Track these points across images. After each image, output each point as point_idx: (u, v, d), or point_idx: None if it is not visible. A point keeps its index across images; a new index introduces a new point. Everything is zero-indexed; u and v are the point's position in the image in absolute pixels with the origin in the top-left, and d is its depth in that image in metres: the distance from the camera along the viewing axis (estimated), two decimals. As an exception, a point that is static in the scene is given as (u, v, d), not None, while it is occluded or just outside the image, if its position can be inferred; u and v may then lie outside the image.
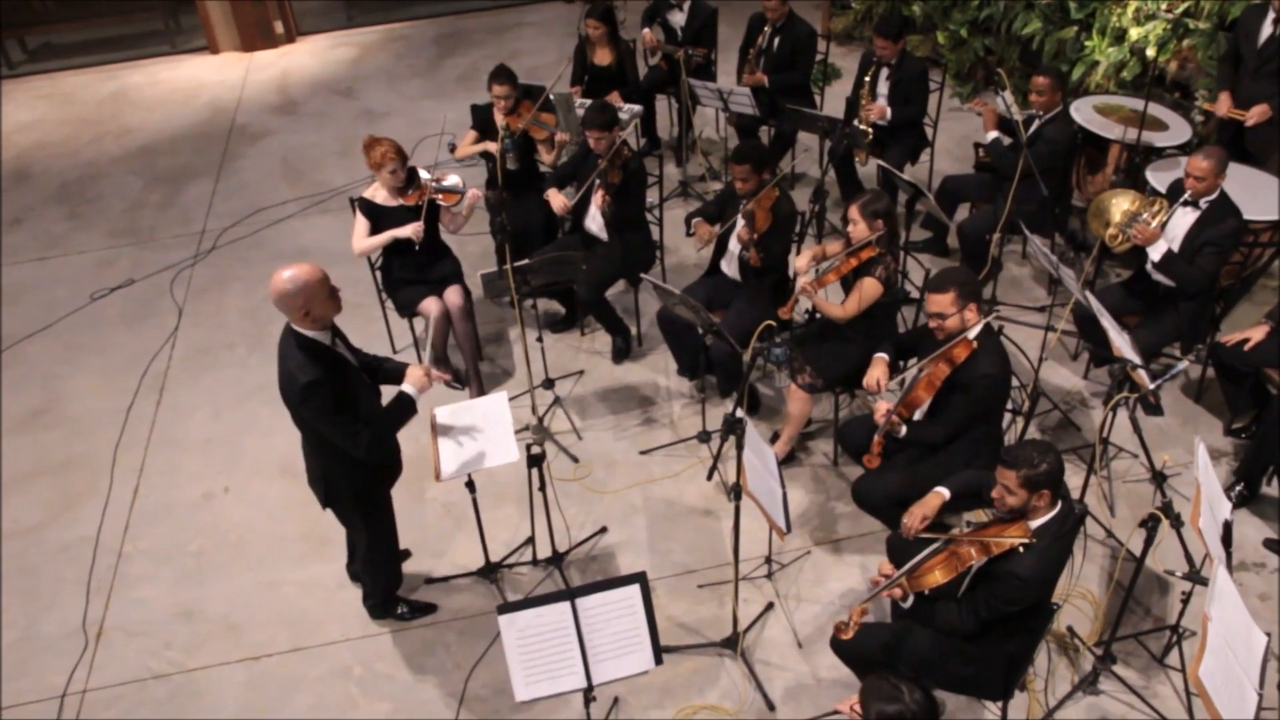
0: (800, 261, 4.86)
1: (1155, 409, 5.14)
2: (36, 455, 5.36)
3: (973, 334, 3.95)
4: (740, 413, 3.44)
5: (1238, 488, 4.69)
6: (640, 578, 3.30)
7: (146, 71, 9.74)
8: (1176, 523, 3.40)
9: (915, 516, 3.70)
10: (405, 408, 3.75)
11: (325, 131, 8.38)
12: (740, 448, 3.52)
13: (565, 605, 3.27)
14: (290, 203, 7.39)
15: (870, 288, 4.44)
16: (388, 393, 3.82)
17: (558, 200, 5.39)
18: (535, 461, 3.98)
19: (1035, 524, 3.30)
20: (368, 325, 5.88)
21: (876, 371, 4.30)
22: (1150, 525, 3.45)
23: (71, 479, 5.20)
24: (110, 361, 5.98)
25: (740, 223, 4.93)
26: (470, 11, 10.49)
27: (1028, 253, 6.30)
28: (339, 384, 3.57)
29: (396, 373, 3.88)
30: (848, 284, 4.56)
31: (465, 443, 3.98)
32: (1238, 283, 5.26)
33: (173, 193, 7.67)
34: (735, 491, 3.60)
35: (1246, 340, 4.70)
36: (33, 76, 9.78)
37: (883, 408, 4.03)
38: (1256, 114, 5.51)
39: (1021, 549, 3.24)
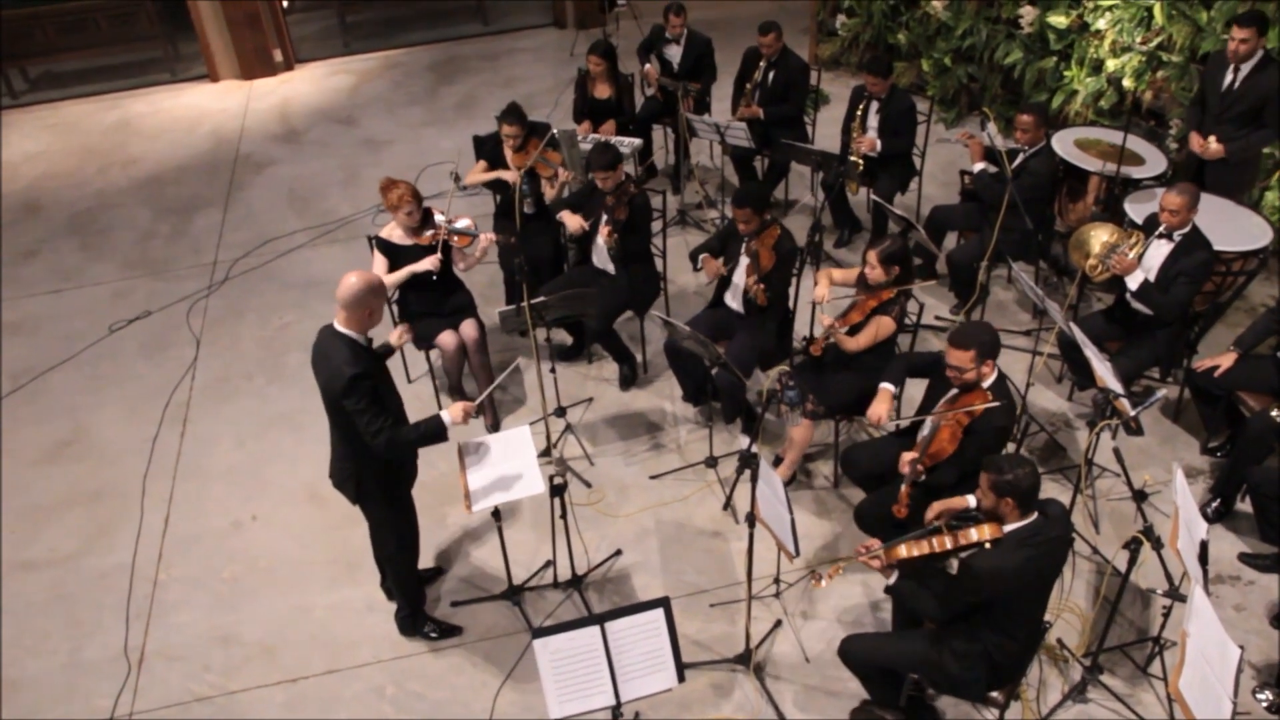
0: (820, 290, 5.11)
1: (1136, 430, 5.43)
2: (67, 486, 5.56)
3: (988, 383, 4.20)
4: (755, 448, 3.69)
5: (1214, 504, 4.99)
6: (664, 603, 3.57)
7: (148, 100, 9.94)
8: (1157, 545, 3.68)
9: (935, 510, 3.98)
10: (435, 431, 4.03)
11: (329, 160, 8.60)
12: (754, 481, 3.77)
13: (595, 629, 3.53)
14: (299, 233, 7.60)
15: (885, 326, 4.75)
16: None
17: (574, 221, 5.62)
18: (558, 491, 4.24)
19: (1007, 529, 3.58)
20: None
21: (881, 407, 4.57)
22: (1133, 547, 3.73)
23: (103, 509, 5.41)
24: (132, 393, 6.18)
25: (745, 261, 5.20)
26: (464, 38, 10.74)
27: (1012, 278, 6.59)
28: (376, 380, 3.92)
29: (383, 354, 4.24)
30: (863, 321, 4.84)
31: (493, 475, 4.23)
32: (1211, 309, 5.55)
33: (182, 223, 7.87)
34: (750, 520, 3.85)
35: (1217, 366, 5.01)
36: (35, 106, 9.96)
37: (907, 458, 4.26)
38: (1210, 150, 5.83)
39: (988, 545, 3.55)
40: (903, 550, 3.69)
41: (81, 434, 5.91)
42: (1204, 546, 3.90)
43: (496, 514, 4.31)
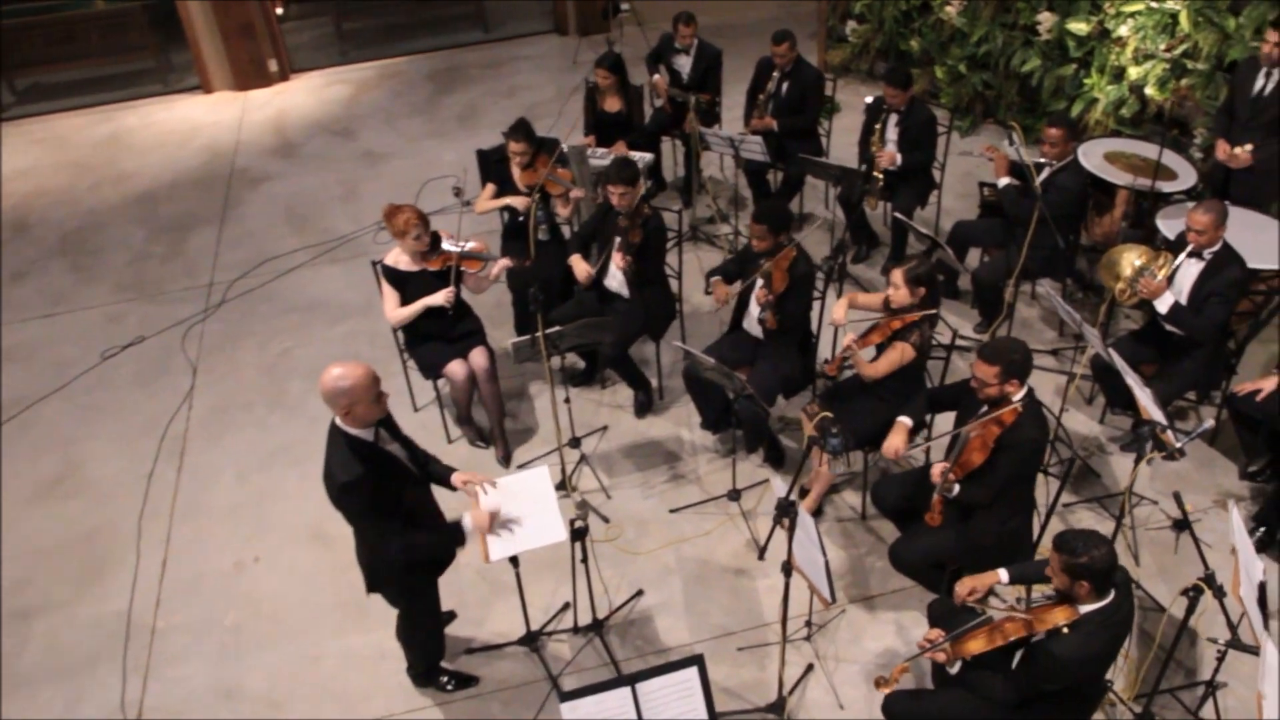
0: (838, 313, 4.91)
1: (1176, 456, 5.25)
2: (59, 526, 5.32)
3: (1017, 398, 4.03)
4: (794, 496, 3.48)
5: (1259, 532, 4.79)
6: (698, 660, 3.36)
7: (140, 112, 9.69)
8: (1219, 594, 3.48)
9: (966, 586, 3.77)
10: (453, 540, 3.80)
11: (327, 174, 8.37)
12: (792, 530, 3.56)
13: (626, 691, 3.31)
14: (298, 252, 7.37)
15: (904, 353, 4.52)
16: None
17: (581, 269, 5.41)
18: (579, 535, 4.02)
19: (1084, 610, 3.37)
20: (388, 381, 5.73)
21: (896, 440, 4.41)
22: (1192, 595, 3.53)
23: (97, 551, 5.18)
24: (127, 424, 5.94)
25: (759, 283, 4.98)
26: (464, 46, 10.50)
27: (1037, 294, 6.39)
28: (380, 481, 3.58)
29: (442, 476, 3.95)
30: (883, 344, 4.63)
31: (511, 521, 4.00)
32: (1251, 328, 5.35)
33: (177, 242, 7.63)
34: (786, 569, 3.64)
35: (1259, 390, 4.81)
36: (23, 120, 9.69)
37: (939, 468, 4.11)
38: (1238, 159, 5.64)
39: (1066, 630, 3.32)
40: (973, 646, 3.45)
41: (73, 469, 5.67)
42: (1263, 589, 3.71)
43: (514, 558, 4.09)
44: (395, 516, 3.63)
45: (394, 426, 3.79)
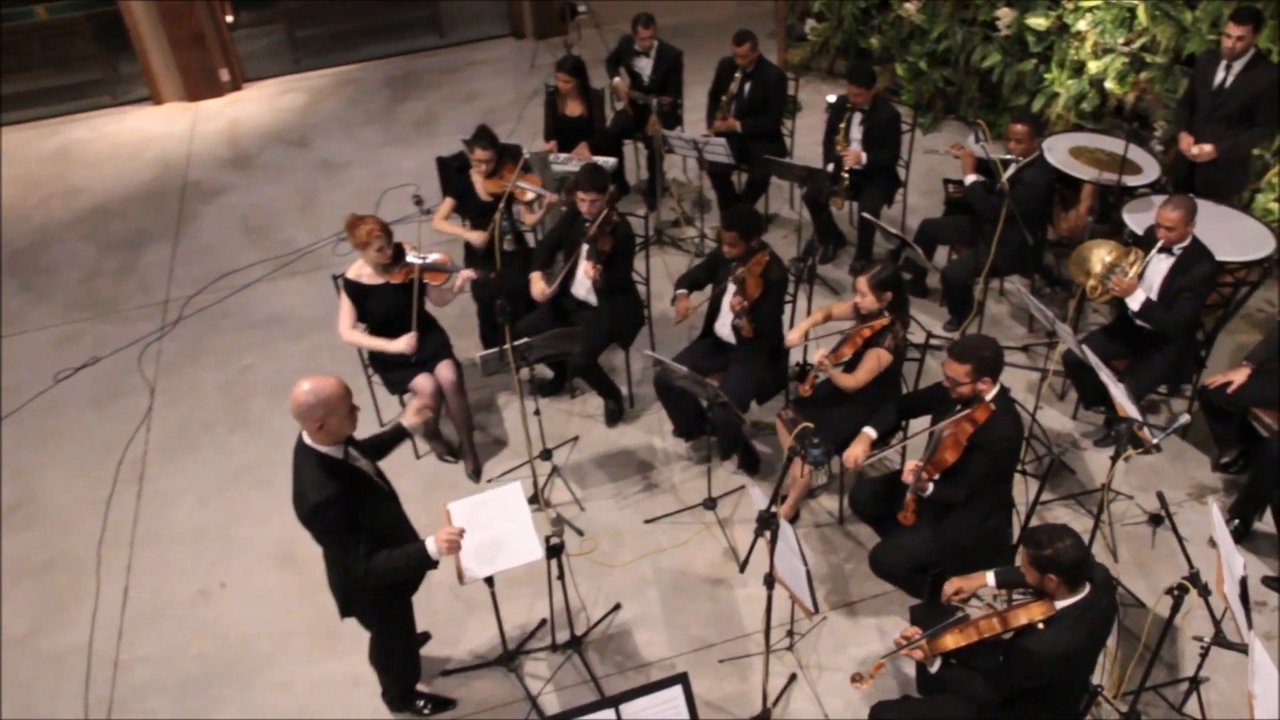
0: (793, 336, 4.87)
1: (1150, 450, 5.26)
2: (16, 556, 5.14)
3: (990, 395, 4.00)
4: (775, 508, 3.42)
5: (1233, 524, 4.80)
6: (682, 679, 3.29)
7: (88, 125, 9.44)
8: (1204, 592, 3.46)
9: (954, 586, 3.74)
10: (420, 562, 3.65)
11: (283, 185, 8.19)
12: (774, 542, 3.49)
13: (610, 713, 3.23)
14: (256, 265, 7.20)
15: (881, 359, 4.48)
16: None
17: (538, 288, 5.30)
18: (555, 552, 3.93)
19: (1059, 605, 3.34)
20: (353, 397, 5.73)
21: (856, 450, 4.37)
22: (1177, 594, 3.50)
23: (55, 582, 5.00)
24: (83, 449, 5.76)
25: (731, 289, 4.92)
26: (420, 51, 10.35)
27: (1005, 291, 6.38)
28: (352, 500, 3.48)
29: (396, 432, 3.99)
30: (857, 354, 4.58)
31: (484, 541, 3.91)
32: (1218, 321, 5.37)
33: (130, 259, 7.43)
34: (768, 582, 3.58)
35: (1230, 383, 4.82)
36: (-34, 134, 9.42)
37: (912, 465, 4.07)
38: (1201, 153, 5.66)
39: (1041, 625, 3.30)
40: (949, 640, 3.45)
41: (28, 497, 5.48)
42: (1244, 584, 3.69)
43: (489, 580, 3.99)
44: (366, 536, 3.51)
45: (356, 442, 3.68)
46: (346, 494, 3.45)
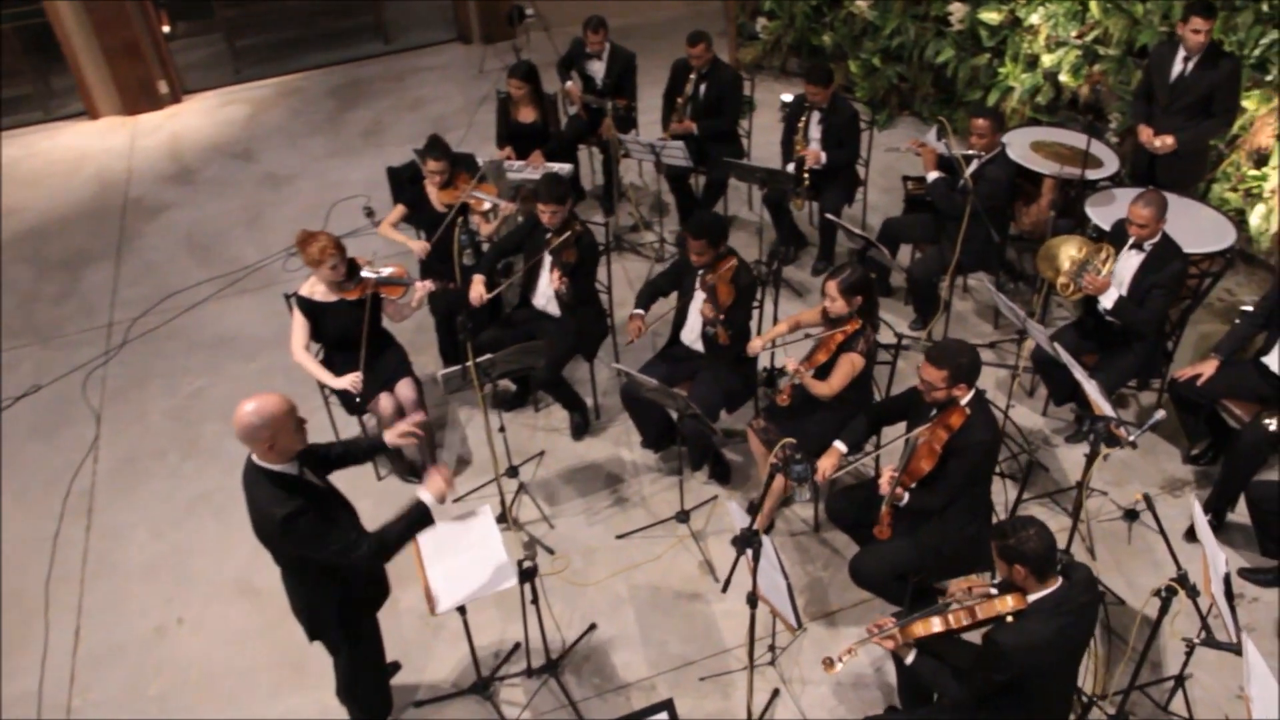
0: (755, 345, 4.77)
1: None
2: (-43, 599, 4.90)
3: (964, 400, 3.94)
4: (756, 525, 3.32)
5: (1207, 517, 4.78)
6: (668, 706, 3.17)
7: (20, 142, 9.11)
8: (1192, 593, 3.42)
9: (961, 586, 3.67)
10: (420, 518, 3.47)
11: (229, 201, 7.95)
12: (757, 560, 3.39)
13: (594, 746, 3.12)
14: (204, 284, 6.96)
15: (855, 363, 4.40)
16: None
17: (475, 291, 5.13)
18: (528, 576, 3.80)
19: (1032, 598, 3.28)
20: (310, 417, 5.48)
21: (825, 464, 4.30)
22: (1165, 596, 3.46)
23: (1, 624, 4.76)
24: (26, 482, 5.51)
25: (701, 297, 4.82)
26: (365, 59, 10.13)
27: (970, 287, 6.35)
28: (317, 510, 3.35)
29: (373, 446, 3.81)
30: (831, 359, 4.49)
31: (456, 568, 3.77)
32: (1183, 313, 5.37)
33: (70, 281, 7.16)
34: (751, 601, 3.48)
35: (1199, 375, 4.81)
36: (-110, 157, 9.04)
37: (888, 475, 3.99)
38: (1163, 145, 5.66)
39: (1011, 618, 3.25)
40: (919, 628, 3.39)
41: (-30, 536, 5.24)
42: (1228, 581, 3.66)
43: (461, 608, 3.84)
44: (348, 526, 3.42)
45: (315, 461, 3.53)
46: (310, 505, 3.33)
